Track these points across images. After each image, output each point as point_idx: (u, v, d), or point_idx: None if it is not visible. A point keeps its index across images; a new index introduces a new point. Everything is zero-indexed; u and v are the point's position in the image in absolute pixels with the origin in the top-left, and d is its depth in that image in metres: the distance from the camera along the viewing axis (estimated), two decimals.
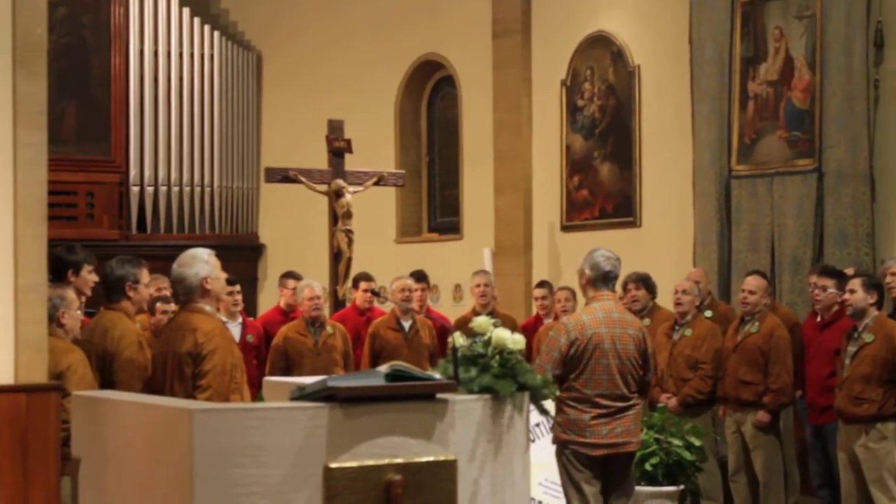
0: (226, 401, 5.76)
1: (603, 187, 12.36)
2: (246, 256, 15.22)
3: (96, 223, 14.41)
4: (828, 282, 8.70)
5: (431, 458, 4.44)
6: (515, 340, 4.95)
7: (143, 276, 6.78)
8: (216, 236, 14.71)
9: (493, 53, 13.40)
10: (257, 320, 11.00)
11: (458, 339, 4.88)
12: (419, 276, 10.76)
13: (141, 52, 14.67)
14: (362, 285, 10.56)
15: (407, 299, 9.99)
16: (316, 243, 12.36)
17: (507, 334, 4.95)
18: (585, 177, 12.52)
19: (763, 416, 8.64)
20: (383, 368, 4.52)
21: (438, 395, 4.54)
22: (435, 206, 14.87)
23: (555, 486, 7.56)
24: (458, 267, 13.21)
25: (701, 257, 10.91)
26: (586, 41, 12.51)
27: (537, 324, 10.60)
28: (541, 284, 11.03)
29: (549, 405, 5.47)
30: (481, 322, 5.06)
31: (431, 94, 14.91)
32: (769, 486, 8.72)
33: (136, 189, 14.57)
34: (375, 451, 4.33)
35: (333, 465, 4.26)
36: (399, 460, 4.36)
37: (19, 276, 5.53)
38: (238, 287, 10.00)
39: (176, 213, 14.78)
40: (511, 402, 4.76)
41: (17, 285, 5.52)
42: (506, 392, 4.73)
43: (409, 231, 14.73)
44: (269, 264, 15.27)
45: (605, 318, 6.63)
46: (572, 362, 6.53)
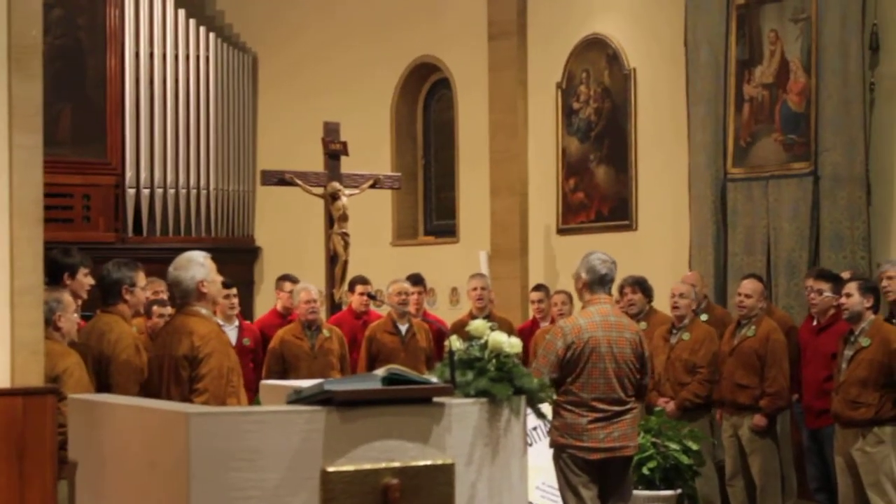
0: (222, 404, 5.76)
1: (599, 190, 12.36)
2: (242, 259, 15.22)
3: (92, 226, 14.39)
4: (824, 285, 8.70)
5: (428, 462, 4.44)
6: (512, 344, 4.95)
7: (140, 279, 6.78)
8: (212, 239, 14.69)
9: (489, 56, 13.40)
10: (254, 323, 10.99)
11: (454, 343, 4.88)
12: (415, 280, 10.76)
13: (136, 54, 14.64)
14: (358, 288, 10.55)
15: (403, 303, 9.98)
16: (312, 246, 12.35)
17: (503, 338, 4.95)
18: (581, 180, 12.53)
19: (760, 419, 8.63)
20: (380, 372, 4.52)
21: (435, 399, 4.54)
22: (431, 209, 14.87)
23: (552, 489, 7.56)
24: (455, 270, 13.20)
25: (697, 261, 10.91)
26: (582, 44, 12.52)
27: (534, 327, 10.60)
28: (537, 288, 11.02)
29: (547, 409, 5.46)
30: (478, 325, 5.05)
31: (427, 96, 14.91)
32: (766, 490, 8.71)
33: (132, 191, 14.54)
34: (372, 455, 4.33)
35: (330, 469, 4.26)
36: (396, 464, 4.36)
37: (15, 279, 5.51)
38: (234, 290, 9.99)
39: (172, 216, 14.76)
40: (508, 405, 4.76)
41: (13, 288, 5.50)
42: (502, 396, 4.73)
43: (405, 234, 14.73)
44: (265, 267, 15.26)
45: (602, 321, 6.62)
46: (569, 366, 6.52)
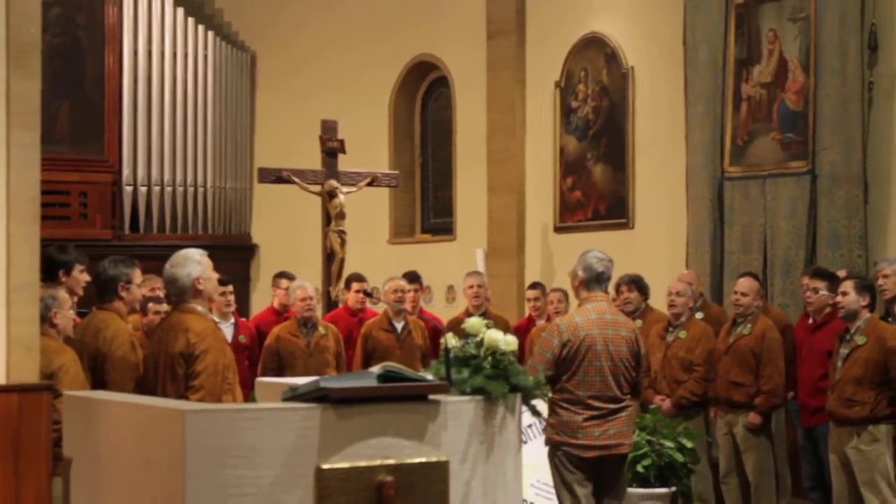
0: (218, 401, 5.75)
1: (596, 189, 12.37)
2: (239, 257, 15.23)
3: (89, 223, 14.40)
4: (819, 284, 8.70)
5: (423, 460, 4.44)
6: (508, 342, 4.95)
7: (136, 276, 6.77)
8: (209, 236, 14.70)
9: (487, 54, 13.40)
10: (251, 321, 10.99)
11: (450, 341, 4.88)
12: (412, 277, 10.75)
13: (135, 52, 14.65)
14: (355, 286, 10.55)
15: (399, 300, 9.98)
16: (309, 244, 12.35)
17: (499, 335, 4.95)
18: (579, 178, 12.53)
19: (754, 417, 8.63)
20: (375, 369, 4.52)
21: (431, 397, 4.54)
22: (428, 207, 14.87)
23: (547, 487, 7.56)
24: (451, 268, 13.20)
25: (693, 259, 10.91)
26: (580, 43, 12.52)
27: (530, 325, 10.60)
28: (533, 286, 11.01)
29: (542, 406, 5.47)
30: (474, 323, 5.06)
31: (425, 94, 14.91)
32: (760, 487, 8.72)
33: (129, 189, 14.55)
34: (367, 452, 4.34)
35: (325, 466, 4.26)
36: (391, 461, 4.37)
37: (11, 276, 5.51)
38: (230, 287, 9.98)
39: (169, 214, 14.76)
40: (503, 403, 4.76)
41: (10, 285, 5.51)
42: (498, 393, 4.73)
43: (402, 232, 14.73)
44: (261, 265, 15.26)
45: (598, 319, 6.62)
46: (565, 364, 6.52)
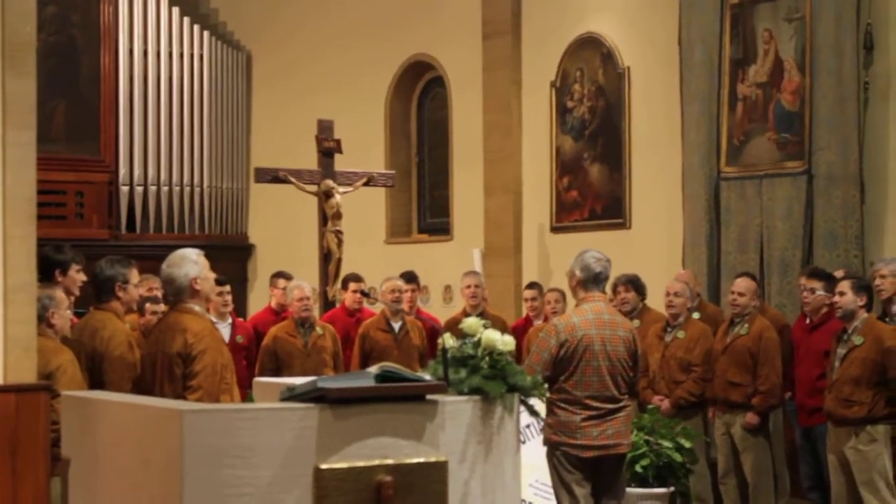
0: (216, 401, 5.75)
1: (593, 189, 12.37)
2: (235, 257, 15.21)
3: (86, 223, 14.38)
4: (816, 284, 8.71)
5: (422, 460, 4.44)
6: (505, 342, 4.95)
7: (133, 276, 6.77)
8: (206, 236, 14.69)
9: (483, 55, 13.40)
10: (248, 321, 10.98)
11: (447, 341, 4.88)
12: (409, 277, 10.75)
13: (130, 52, 14.63)
14: (352, 286, 10.54)
15: (397, 300, 9.98)
16: (305, 244, 12.35)
17: (496, 335, 4.95)
18: (575, 178, 12.53)
19: (752, 417, 8.63)
20: (373, 369, 4.52)
21: (428, 397, 4.54)
22: (425, 207, 14.87)
23: (545, 487, 7.56)
24: (448, 268, 13.20)
25: (690, 259, 10.92)
26: (576, 43, 12.52)
27: (527, 325, 10.60)
28: (530, 286, 11.01)
29: (540, 406, 5.46)
30: (471, 323, 5.06)
31: (421, 94, 14.91)
32: (759, 488, 8.72)
33: (125, 189, 14.54)
34: (366, 453, 4.33)
35: (324, 466, 4.26)
36: (389, 461, 4.36)
37: (8, 276, 5.51)
38: (227, 287, 9.97)
39: (165, 213, 14.75)
40: (501, 403, 4.76)
41: (6, 285, 5.50)
42: (496, 393, 4.73)
43: (398, 232, 14.73)
44: (258, 265, 15.26)
45: (596, 319, 6.61)
46: (562, 364, 6.52)
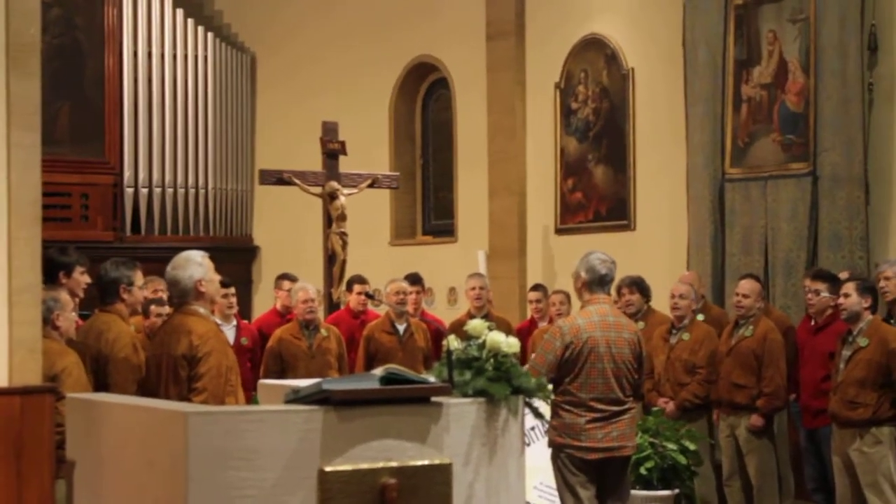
0: (221, 403, 5.76)
1: (597, 190, 12.36)
2: (240, 259, 15.22)
3: (90, 225, 14.40)
4: (821, 285, 8.70)
5: (426, 462, 4.43)
6: (510, 344, 4.94)
7: (137, 278, 6.78)
8: (210, 238, 14.70)
9: (487, 56, 13.40)
10: (253, 323, 10.99)
11: (452, 343, 4.87)
12: (413, 279, 10.75)
13: (135, 54, 14.65)
14: (356, 288, 10.54)
15: (401, 302, 9.97)
16: (310, 246, 12.34)
17: (501, 337, 4.95)
18: (579, 180, 12.53)
19: (756, 419, 8.63)
20: (378, 371, 4.51)
21: (433, 399, 4.53)
22: (429, 209, 14.87)
23: (550, 489, 7.55)
24: (453, 270, 13.20)
25: (694, 261, 10.91)
26: (580, 44, 12.52)
27: (532, 327, 10.60)
28: (535, 287, 11.01)
29: (545, 409, 5.46)
30: (476, 325, 5.05)
31: (425, 96, 14.91)
32: (763, 490, 8.71)
33: (130, 191, 14.55)
34: (370, 455, 4.33)
35: (328, 469, 4.25)
36: (394, 464, 4.36)
37: (13, 278, 5.51)
38: (232, 289, 9.98)
39: (170, 215, 14.76)
40: (506, 405, 4.75)
41: (11, 287, 5.50)
42: (500, 395, 4.72)
43: (403, 234, 14.73)
44: (263, 267, 15.26)
45: (601, 321, 6.61)
46: (567, 366, 6.51)
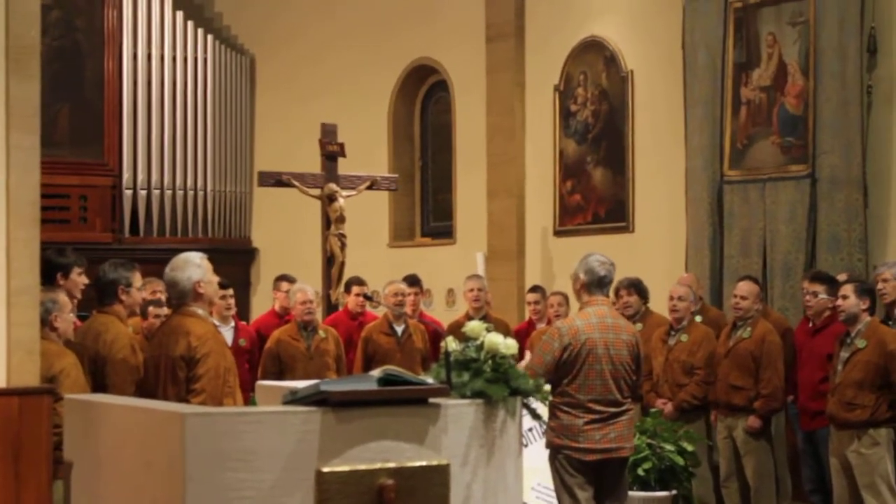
0: (219, 404, 5.76)
1: (596, 192, 12.37)
2: (239, 260, 15.22)
3: (89, 226, 14.39)
4: (819, 287, 8.70)
5: (424, 463, 4.44)
6: (508, 345, 4.95)
7: (136, 279, 6.78)
8: (209, 240, 14.70)
9: (487, 58, 13.41)
10: (252, 324, 10.99)
11: (450, 344, 4.88)
12: (412, 281, 10.75)
13: (134, 56, 14.65)
14: (354, 289, 10.55)
15: (400, 304, 9.97)
16: (309, 247, 12.35)
17: (499, 339, 4.95)
18: (578, 182, 12.53)
19: (754, 421, 8.64)
20: (376, 373, 4.52)
21: (431, 400, 4.54)
22: (428, 211, 14.87)
23: (548, 490, 7.55)
24: (451, 271, 13.20)
25: (693, 262, 10.92)
26: (579, 46, 12.52)
27: (530, 328, 10.60)
28: (534, 289, 11.01)
29: (543, 410, 5.46)
30: (474, 327, 5.06)
31: (425, 98, 14.92)
32: (761, 491, 8.72)
33: (129, 192, 14.55)
34: (368, 456, 4.33)
35: (326, 470, 4.26)
36: (391, 465, 4.36)
37: (12, 279, 5.52)
38: (231, 291, 9.97)
39: (169, 217, 14.76)
40: (504, 406, 4.76)
41: (10, 288, 5.51)
42: (498, 397, 4.73)
43: (402, 235, 14.73)
44: (261, 268, 15.26)
45: (599, 323, 6.61)
46: (565, 367, 6.51)
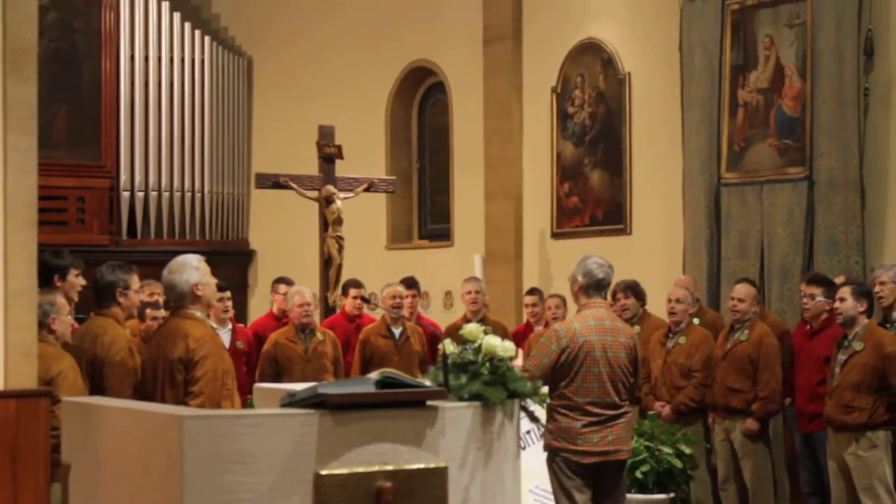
0: (217, 407, 5.77)
1: (593, 194, 12.37)
2: (236, 262, 15.20)
3: (87, 228, 14.37)
4: (816, 290, 8.70)
5: (422, 466, 4.44)
6: (506, 347, 4.95)
7: (134, 281, 6.78)
8: (207, 242, 14.69)
9: (484, 60, 13.41)
10: (249, 326, 10.98)
11: (448, 346, 4.89)
12: (410, 283, 10.74)
13: (132, 57, 14.64)
14: (352, 292, 10.54)
15: (397, 306, 9.97)
16: (306, 250, 12.34)
17: (497, 341, 4.96)
18: (576, 184, 12.54)
19: (752, 423, 8.64)
20: (374, 375, 4.52)
21: (429, 403, 4.54)
22: (425, 213, 14.87)
23: (545, 493, 7.55)
24: (449, 274, 13.20)
25: (690, 265, 10.92)
26: (577, 48, 12.53)
27: (528, 331, 10.60)
28: (531, 291, 11.01)
29: (540, 412, 5.46)
30: (472, 329, 5.06)
31: (422, 100, 14.92)
32: (758, 494, 8.72)
33: (126, 194, 14.53)
34: (366, 458, 4.33)
35: (324, 472, 4.26)
36: (389, 467, 4.36)
37: (9, 282, 5.52)
38: (228, 293, 9.97)
39: (166, 219, 14.74)
40: (501, 409, 4.76)
41: (7, 290, 5.51)
42: (496, 399, 4.73)
43: (399, 238, 14.73)
44: (259, 270, 15.25)
45: (597, 325, 6.60)
46: (563, 370, 6.51)
